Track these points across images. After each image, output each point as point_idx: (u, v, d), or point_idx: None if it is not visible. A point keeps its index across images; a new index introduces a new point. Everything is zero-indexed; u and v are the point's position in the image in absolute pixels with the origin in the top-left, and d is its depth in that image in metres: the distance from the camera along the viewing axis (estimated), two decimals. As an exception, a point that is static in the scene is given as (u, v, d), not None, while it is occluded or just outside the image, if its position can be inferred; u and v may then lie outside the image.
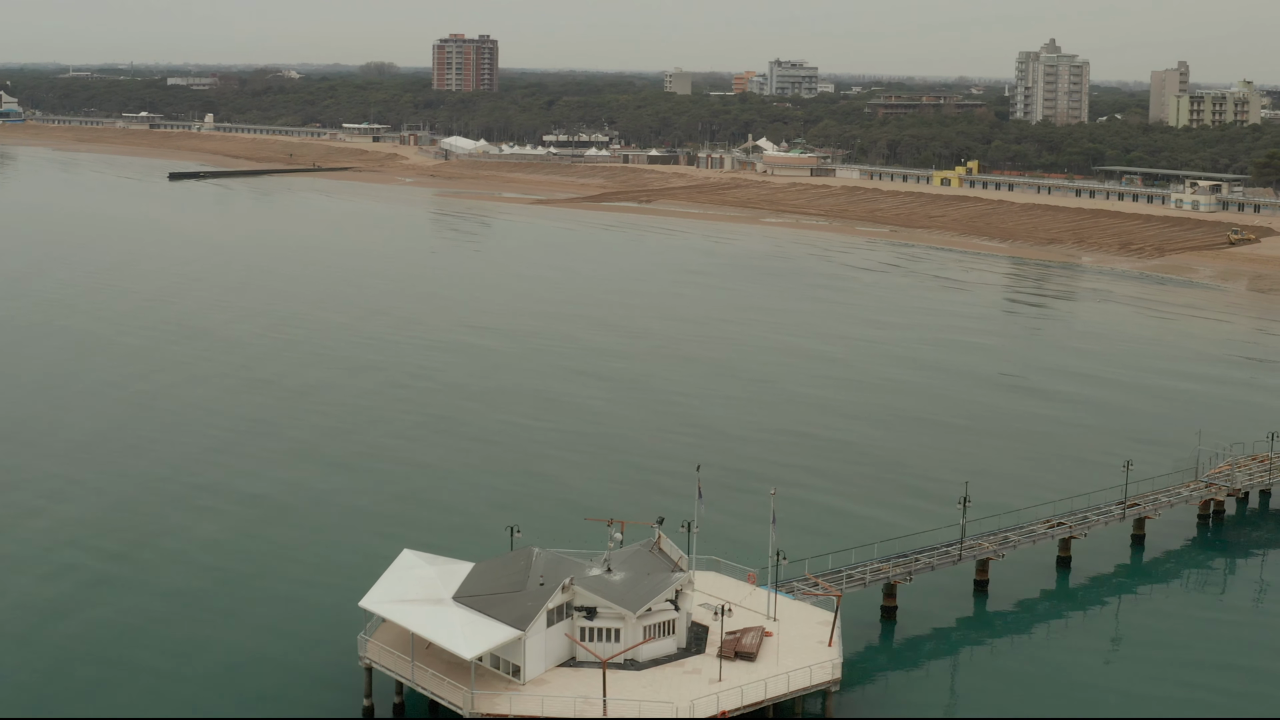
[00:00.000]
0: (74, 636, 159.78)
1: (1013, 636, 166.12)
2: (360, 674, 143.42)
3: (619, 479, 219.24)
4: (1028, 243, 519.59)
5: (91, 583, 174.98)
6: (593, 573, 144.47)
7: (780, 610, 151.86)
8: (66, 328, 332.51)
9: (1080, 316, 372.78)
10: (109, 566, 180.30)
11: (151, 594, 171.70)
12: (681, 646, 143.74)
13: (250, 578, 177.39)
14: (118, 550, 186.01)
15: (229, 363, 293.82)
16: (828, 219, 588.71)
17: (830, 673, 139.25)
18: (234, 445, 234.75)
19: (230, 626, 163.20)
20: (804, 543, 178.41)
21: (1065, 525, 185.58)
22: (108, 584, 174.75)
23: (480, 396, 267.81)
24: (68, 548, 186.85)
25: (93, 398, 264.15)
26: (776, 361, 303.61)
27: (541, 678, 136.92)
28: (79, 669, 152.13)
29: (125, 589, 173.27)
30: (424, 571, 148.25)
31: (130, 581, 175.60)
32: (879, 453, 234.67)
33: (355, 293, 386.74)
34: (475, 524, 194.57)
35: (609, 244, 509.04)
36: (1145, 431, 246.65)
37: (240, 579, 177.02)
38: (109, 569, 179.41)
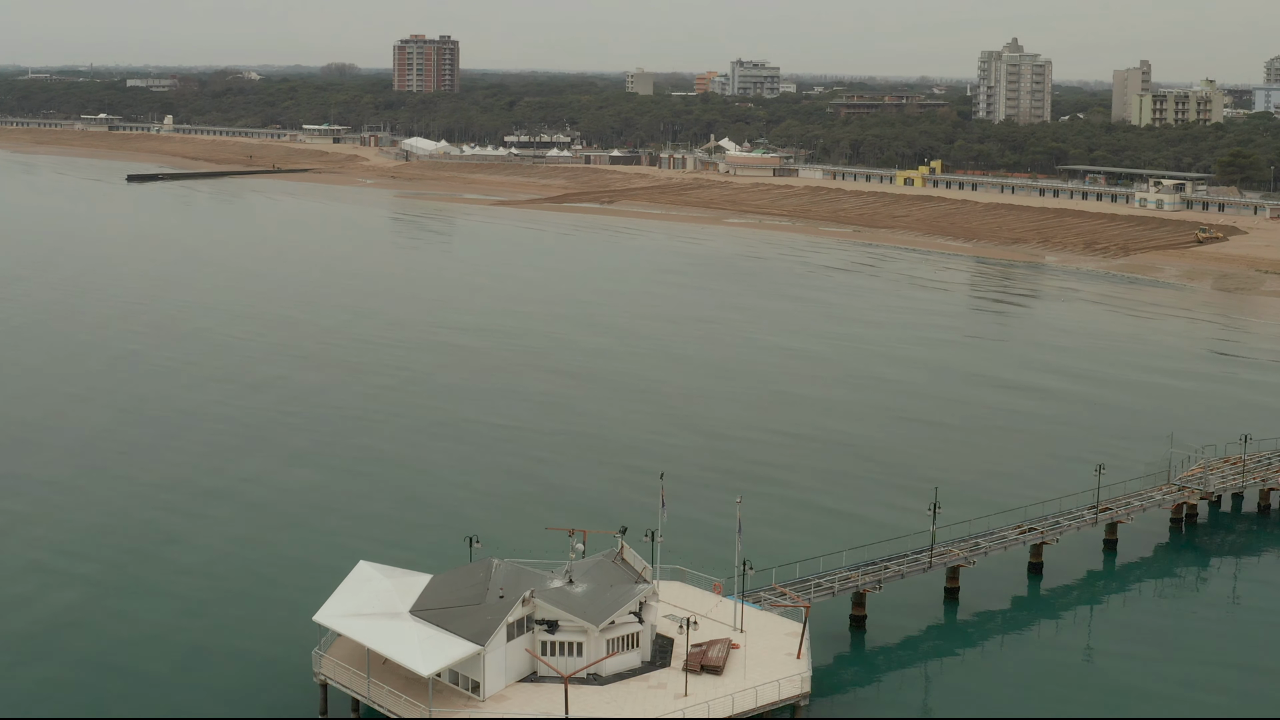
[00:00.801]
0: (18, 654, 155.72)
1: (984, 645, 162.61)
2: (315, 690, 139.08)
3: (583, 486, 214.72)
4: (992, 242, 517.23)
5: (25, 598, 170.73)
6: (554, 585, 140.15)
7: (747, 621, 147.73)
8: (51, 332, 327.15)
9: (1047, 317, 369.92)
10: (40, 580, 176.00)
11: (98, 609, 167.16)
12: (646, 660, 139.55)
13: (199, 590, 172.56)
14: (53, 561, 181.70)
15: (203, 365, 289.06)
16: (791, 219, 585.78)
17: (799, 686, 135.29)
18: (190, 450, 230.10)
19: (178, 639, 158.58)
20: (772, 550, 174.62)
21: (1037, 531, 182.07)
22: (52, 592, 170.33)
23: (438, 399, 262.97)
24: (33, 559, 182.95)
25: (78, 402, 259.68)
26: (747, 360, 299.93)
27: (502, 694, 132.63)
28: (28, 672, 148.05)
29: (58, 603, 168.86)
30: (380, 584, 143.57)
31: (67, 597, 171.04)
32: (847, 454, 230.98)
33: (322, 294, 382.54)
34: (433, 534, 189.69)
35: (574, 245, 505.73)
36: (1117, 433, 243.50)
37: (189, 591, 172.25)
38: (39, 586, 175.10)
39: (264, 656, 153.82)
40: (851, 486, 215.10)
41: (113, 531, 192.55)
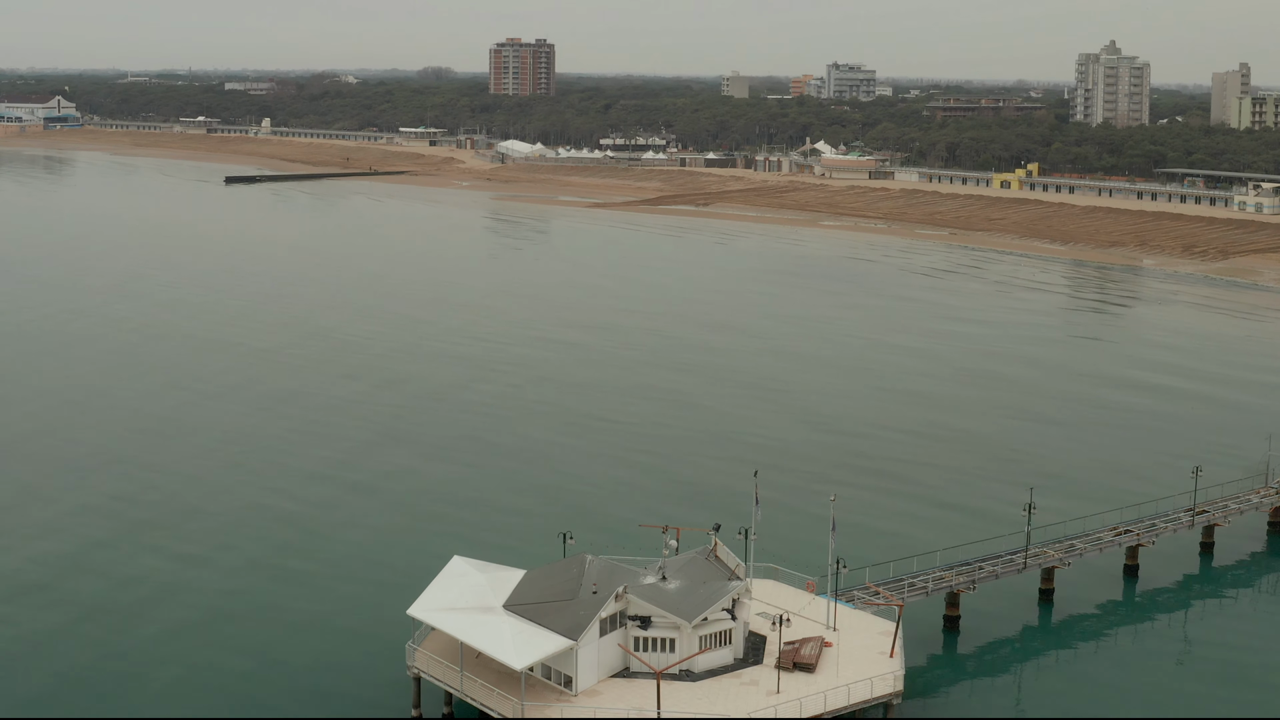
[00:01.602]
0: (128, 637, 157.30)
1: (1078, 647, 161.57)
2: (409, 683, 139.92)
3: (684, 481, 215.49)
4: (1089, 245, 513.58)
5: (148, 584, 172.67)
6: (647, 581, 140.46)
7: (840, 620, 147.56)
8: (183, 332, 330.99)
9: (1147, 318, 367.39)
10: (162, 569, 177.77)
11: (194, 601, 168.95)
12: (738, 657, 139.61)
13: (299, 583, 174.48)
14: (170, 551, 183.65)
15: (335, 362, 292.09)
16: (887, 222, 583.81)
17: (892, 685, 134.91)
18: (295, 445, 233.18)
19: (279, 632, 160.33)
20: (866, 550, 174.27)
21: (1133, 533, 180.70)
22: (156, 589, 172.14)
23: (540, 401, 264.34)
24: (140, 548, 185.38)
25: (218, 399, 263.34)
26: (859, 357, 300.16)
27: (594, 689, 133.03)
28: (130, 669, 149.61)
29: (167, 594, 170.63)
30: (474, 579, 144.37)
31: (170, 587, 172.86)
32: (941, 458, 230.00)
33: (439, 294, 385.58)
34: (527, 531, 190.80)
35: (675, 246, 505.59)
36: (1215, 436, 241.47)
37: (289, 584, 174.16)
38: (162, 573, 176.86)
39: (359, 649, 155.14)
40: (952, 483, 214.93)
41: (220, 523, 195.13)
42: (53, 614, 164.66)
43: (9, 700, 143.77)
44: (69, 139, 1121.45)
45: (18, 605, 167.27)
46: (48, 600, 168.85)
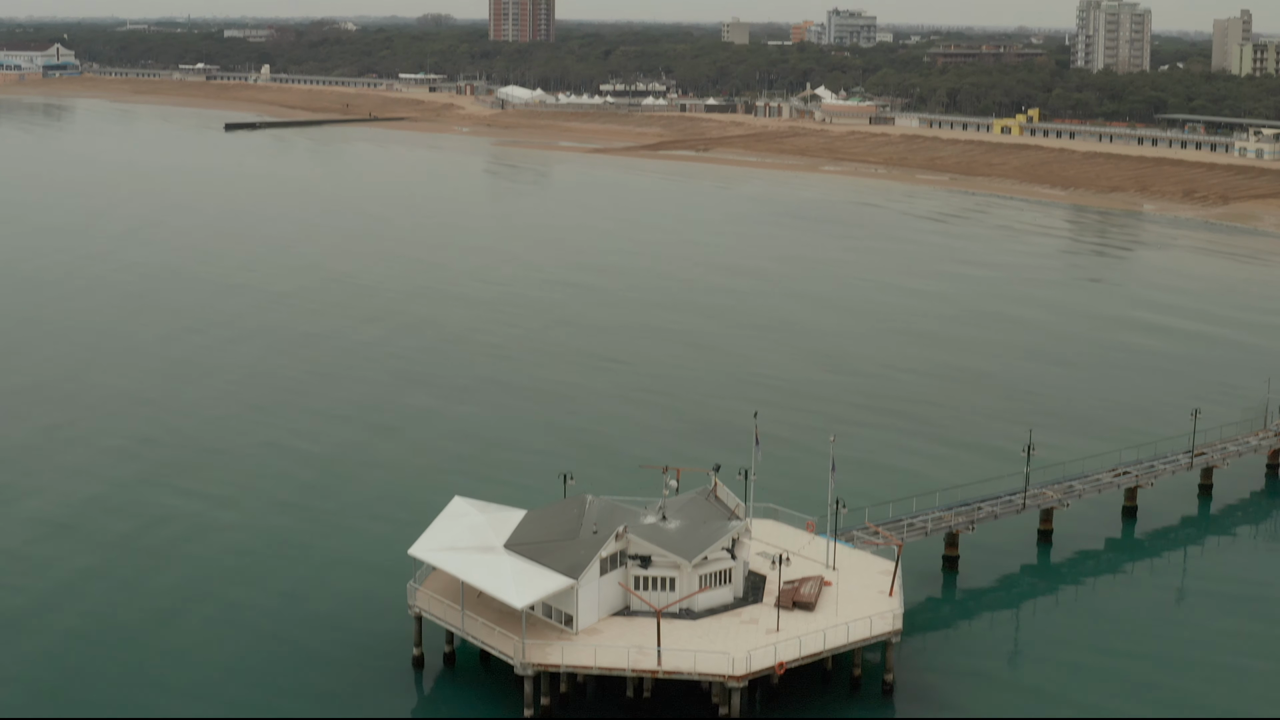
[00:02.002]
0: (157, 576, 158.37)
1: (1076, 587, 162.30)
2: (410, 622, 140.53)
3: (673, 427, 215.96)
4: (1089, 190, 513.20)
5: (175, 524, 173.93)
6: (647, 521, 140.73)
7: (840, 559, 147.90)
8: (198, 276, 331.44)
9: (1146, 263, 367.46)
10: (188, 510, 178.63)
11: (204, 543, 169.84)
12: (738, 596, 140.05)
13: (300, 525, 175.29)
14: (195, 491, 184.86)
15: (353, 307, 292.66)
16: (887, 167, 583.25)
17: (891, 623, 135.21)
18: (314, 386, 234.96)
19: (280, 572, 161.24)
20: (867, 490, 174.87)
21: (1131, 474, 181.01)
22: (184, 529, 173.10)
23: (554, 343, 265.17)
24: (150, 487, 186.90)
25: (237, 342, 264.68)
26: (866, 299, 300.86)
27: (594, 627, 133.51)
28: (138, 612, 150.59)
29: (194, 534, 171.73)
30: (475, 519, 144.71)
31: (196, 527, 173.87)
32: (940, 400, 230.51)
33: (450, 239, 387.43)
34: (528, 471, 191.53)
35: (678, 191, 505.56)
36: (1214, 379, 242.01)
37: (290, 526, 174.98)
38: (188, 513, 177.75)
39: (360, 587, 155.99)
40: (955, 423, 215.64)
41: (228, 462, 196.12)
42: (83, 554, 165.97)
43: (42, 638, 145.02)
44: (68, 87, 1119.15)
45: (48, 546, 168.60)
46: (77, 540, 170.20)
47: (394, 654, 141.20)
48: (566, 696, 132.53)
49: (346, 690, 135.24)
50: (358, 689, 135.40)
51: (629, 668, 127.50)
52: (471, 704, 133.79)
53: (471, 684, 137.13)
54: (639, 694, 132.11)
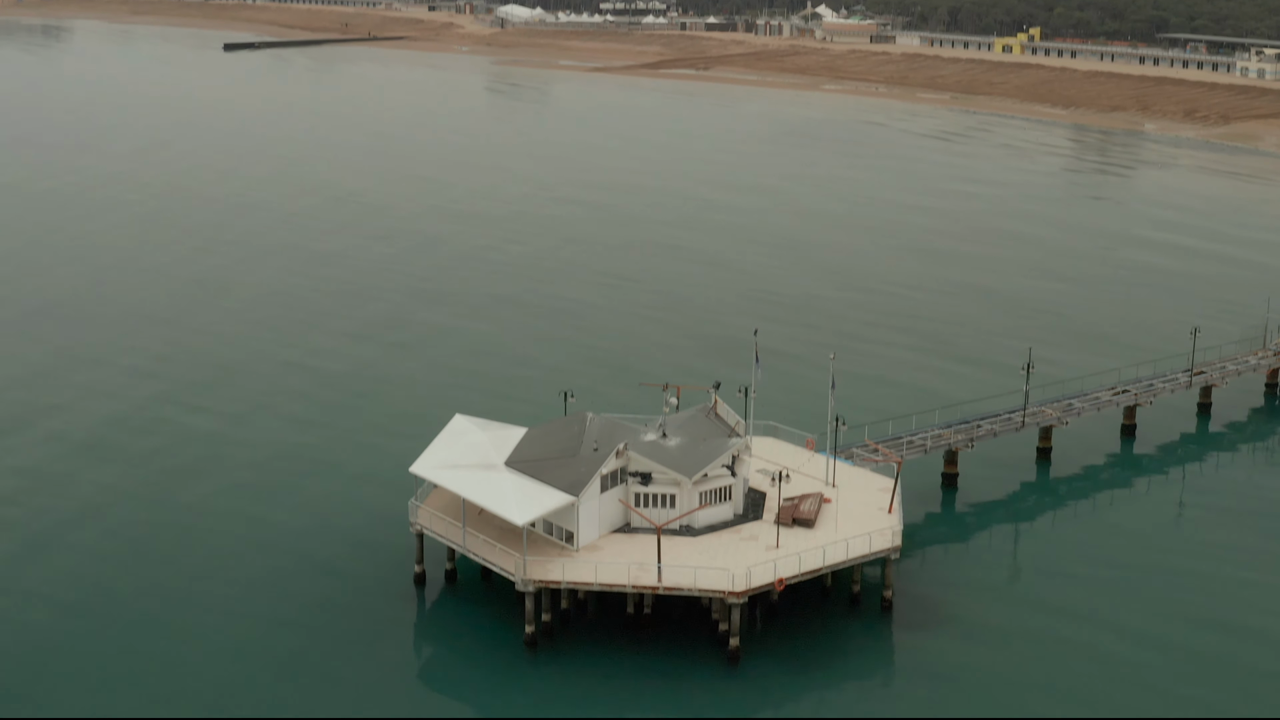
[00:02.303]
0: (154, 500, 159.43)
1: (1075, 504, 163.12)
2: (412, 540, 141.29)
3: (677, 344, 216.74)
4: (1091, 110, 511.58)
5: (171, 444, 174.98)
6: (648, 438, 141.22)
7: (839, 477, 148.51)
8: (210, 196, 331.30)
9: (1147, 182, 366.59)
10: (208, 428, 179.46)
11: (219, 461, 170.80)
12: (738, 513, 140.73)
13: (310, 442, 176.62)
14: (214, 410, 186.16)
15: (362, 225, 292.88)
16: (888, 86, 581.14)
17: (890, 540, 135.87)
18: (312, 306, 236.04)
19: (291, 488, 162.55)
20: (866, 407, 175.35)
21: (1130, 393, 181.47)
22: (205, 446, 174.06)
23: (548, 261, 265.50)
24: (167, 405, 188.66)
25: (251, 261, 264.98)
26: (872, 216, 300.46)
27: (595, 544, 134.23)
28: (158, 529, 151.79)
29: (213, 451, 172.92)
30: (476, 437, 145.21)
31: (199, 450, 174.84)
32: (942, 317, 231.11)
33: (460, 158, 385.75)
34: (529, 389, 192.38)
35: (680, 110, 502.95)
36: (1214, 297, 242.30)
37: (301, 443, 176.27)
38: (208, 431, 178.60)
39: (361, 505, 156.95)
40: (942, 354, 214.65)
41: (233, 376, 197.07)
42: (103, 473, 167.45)
43: (67, 556, 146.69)
44: (64, 7, 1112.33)
45: (69, 464, 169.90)
46: (98, 459, 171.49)
47: (396, 571, 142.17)
48: (567, 613, 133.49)
49: (348, 609, 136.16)
50: (360, 608, 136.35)
51: (629, 584, 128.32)
52: (472, 620, 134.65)
53: (472, 600, 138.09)
54: (639, 610, 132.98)
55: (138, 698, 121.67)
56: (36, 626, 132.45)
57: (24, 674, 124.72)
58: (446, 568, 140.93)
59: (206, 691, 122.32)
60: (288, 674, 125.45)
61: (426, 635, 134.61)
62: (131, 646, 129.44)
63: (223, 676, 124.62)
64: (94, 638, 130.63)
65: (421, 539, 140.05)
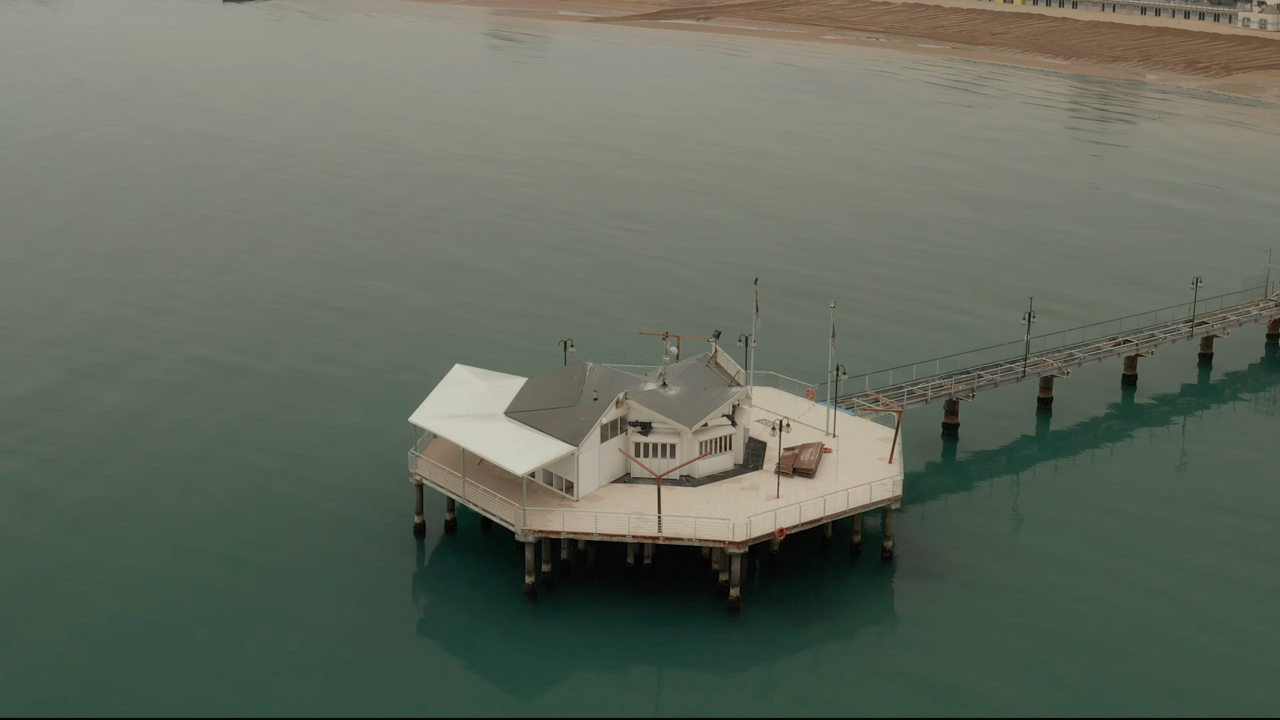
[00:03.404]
0: (176, 445, 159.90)
1: (1076, 455, 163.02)
2: (411, 490, 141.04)
3: (677, 293, 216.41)
4: (1092, 60, 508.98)
5: (196, 392, 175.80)
6: (648, 388, 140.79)
7: (840, 427, 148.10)
8: (252, 147, 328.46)
9: (1149, 134, 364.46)
10: (209, 375, 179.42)
11: (224, 411, 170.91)
12: (739, 463, 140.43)
13: (298, 393, 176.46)
14: (213, 359, 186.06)
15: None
16: (888, 36, 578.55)
17: (891, 490, 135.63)
18: (304, 254, 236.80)
19: (279, 441, 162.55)
20: (865, 358, 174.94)
21: (1132, 343, 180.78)
22: (205, 395, 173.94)
23: (538, 209, 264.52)
24: (182, 359, 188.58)
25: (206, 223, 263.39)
26: (855, 175, 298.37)
27: (595, 494, 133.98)
28: (164, 478, 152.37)
29: (214, 398, 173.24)
30: (475, 386, 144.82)
31: (216, 394, 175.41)
32: (944, 267, 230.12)
33: (466, 102, 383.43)
34: (528, 338, 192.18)
35: (684, 62, 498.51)
36: (1216, 248, 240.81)
37: (288, 393, 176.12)
38: (209, 379, 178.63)
39: (360, 455, 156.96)
40: (943, 305, 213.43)
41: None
42: (83, 429, 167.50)
43: (63, 509, 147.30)
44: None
45: (58, 410, 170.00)
46: (85, 407, 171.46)
47: (396, 522, 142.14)
48: (567, 563, 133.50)
49: (347, 560, 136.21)
50: (359, 559, 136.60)
51: (629, 534, 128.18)
52: (472, 571, 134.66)
53: (472, 551, 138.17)
54: (639, 560, 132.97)
55: (135, 649, 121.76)
56: (30, 572, 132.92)
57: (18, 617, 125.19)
58: (446, 518, 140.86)
59: (205, 647, 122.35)
60: (286, 625, 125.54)
61: (426, 586, 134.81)
62: (130, 597, 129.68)
63: (221, 631, 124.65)
64: (91, 589, 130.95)
65: (421, 489, 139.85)
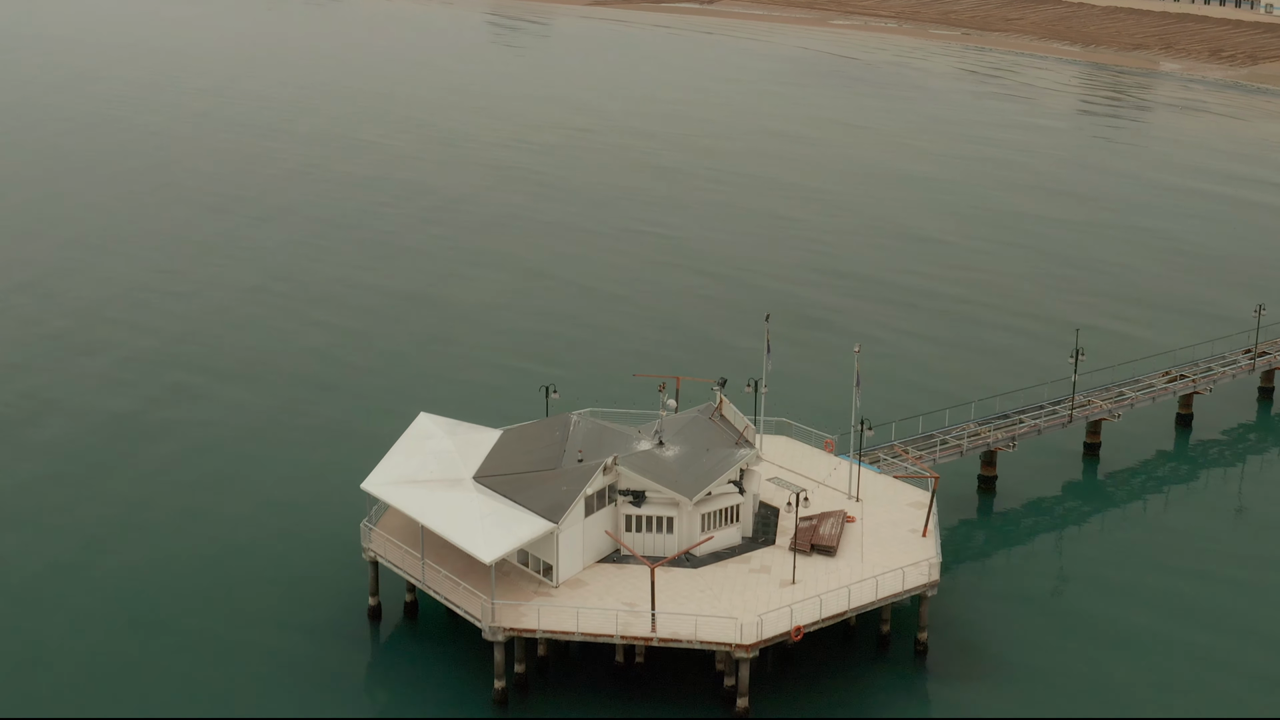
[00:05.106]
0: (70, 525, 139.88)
1: (1130, 511, 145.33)
2: (366, 566, 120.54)
3: (678, 327, 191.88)
4: (1112, 48, 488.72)
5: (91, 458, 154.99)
6: (641, 447, 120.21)
7: (865, 487, 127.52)
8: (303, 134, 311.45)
9: (1185, 129, 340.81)
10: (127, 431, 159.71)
11: (140, 470, 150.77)
12: (747, 536, 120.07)
13: (243, 444, 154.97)
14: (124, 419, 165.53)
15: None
16: (898, 21, 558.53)
17: (926, 574, 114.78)
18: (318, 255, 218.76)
19: (220, 505, 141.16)
20: (890, 400, 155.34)
21: (1187, 379, 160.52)
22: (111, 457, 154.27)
23: (521, 223, 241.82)
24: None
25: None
26: (871, 185, 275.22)
27: (578, 578, 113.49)
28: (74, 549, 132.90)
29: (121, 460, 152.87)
30: (441, 443, 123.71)
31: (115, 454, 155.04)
32: (974, 293, 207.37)
33: (491, 88, 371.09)
34: (506, 377, 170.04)
35: (695, 49, 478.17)
36: (1274, 269, 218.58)
37: (232, 446, 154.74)
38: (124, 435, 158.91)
39: (312, 521, 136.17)
40: (974, 336, 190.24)
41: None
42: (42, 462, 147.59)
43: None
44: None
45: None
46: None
47: (349, 603, 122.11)
48: (546, 660, 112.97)
49: (289, 649, 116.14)
50: (305, 655, 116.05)
51: (617, 634, 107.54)
52: (434, 666, 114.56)
53: (435, 641, 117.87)
54: (630, 659, 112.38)
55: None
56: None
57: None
58: (406, 599, 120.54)
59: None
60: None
61: (379, 685, 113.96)
62: (47, 699, 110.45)
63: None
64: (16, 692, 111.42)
65: (376, 567, 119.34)
